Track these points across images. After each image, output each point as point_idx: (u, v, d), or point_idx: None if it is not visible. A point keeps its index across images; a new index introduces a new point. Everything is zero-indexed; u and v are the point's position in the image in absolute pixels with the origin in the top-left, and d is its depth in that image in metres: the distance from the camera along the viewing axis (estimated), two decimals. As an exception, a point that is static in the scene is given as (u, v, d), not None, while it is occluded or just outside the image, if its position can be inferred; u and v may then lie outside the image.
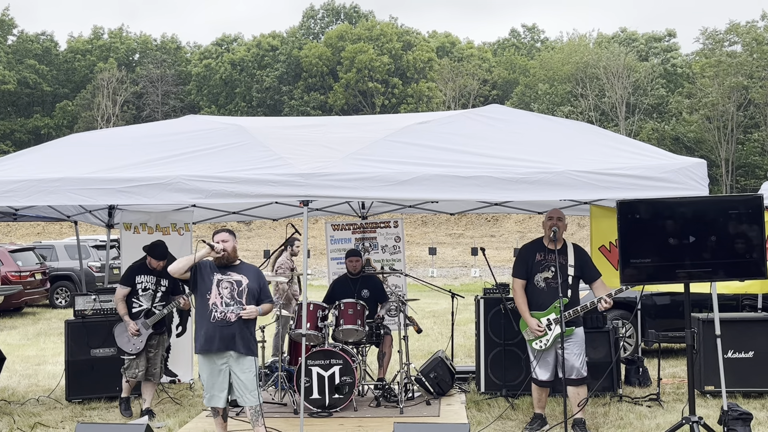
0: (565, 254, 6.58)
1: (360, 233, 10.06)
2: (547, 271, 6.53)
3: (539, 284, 6.55)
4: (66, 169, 6.40)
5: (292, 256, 10.31)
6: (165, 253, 7.51)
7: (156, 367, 7.50)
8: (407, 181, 5.95)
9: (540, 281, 6.56)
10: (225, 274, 5.95)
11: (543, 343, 6.54)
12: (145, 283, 7.48)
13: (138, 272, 7.52)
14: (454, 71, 58.35)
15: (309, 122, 8.82)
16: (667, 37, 59.54)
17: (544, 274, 6.55)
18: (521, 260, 6.71)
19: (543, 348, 6.54)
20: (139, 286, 7.47)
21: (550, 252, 6.56)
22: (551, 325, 6.49)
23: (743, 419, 6.00)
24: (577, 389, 6.55)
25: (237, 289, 5.92)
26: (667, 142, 47.65)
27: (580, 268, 6.61)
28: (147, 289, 7.47)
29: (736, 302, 9.69)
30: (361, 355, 8.13)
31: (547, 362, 6.63)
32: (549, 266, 6.53)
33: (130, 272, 7.56)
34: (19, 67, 61.97)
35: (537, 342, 6.56)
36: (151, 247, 7.53)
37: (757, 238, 5.35)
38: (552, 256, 6.51)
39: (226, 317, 5.82)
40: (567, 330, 6.38)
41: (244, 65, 63.84)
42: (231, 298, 5.88)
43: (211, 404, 5.94)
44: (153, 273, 7.52)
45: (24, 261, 18.25)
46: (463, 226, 44.14)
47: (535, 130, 7.13)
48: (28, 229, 44.79)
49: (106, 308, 8.30)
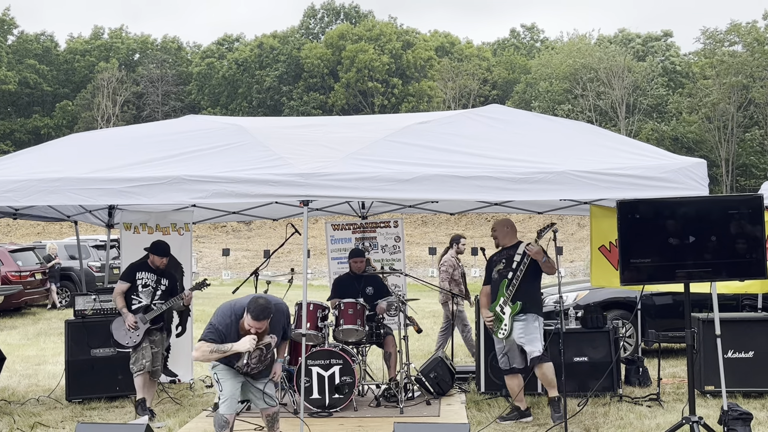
0: (516, 247, 7.10)
1: (360, 233, 10.06)
2: (499, 264, 7.12)
3: (494, 277, 7.13)
4: (66, 169, 6.40)
5: (458, 254, 10.15)
6: (167, 251, 7.53)
7: (157, 364, 7.50)
8: (407, 181, 5.95)
9: (495, 274, 7.13)
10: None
11: (504, 330, 6.94)
12: (146, 279, 7.48)
13: (139, 269, 7.53)
14: (454, 71, 58.34)
15: (309, 122, 8.82)
16: (664, 36, 59.51)
17: (497, 268, 7.13)
18: (486, 271, 7.36)
19: (506, 334, 6.93)
20: (140, 282, 7.46)
21: (503, 250, 7.21)
22: (503, 309, 6.94)
23: (743, 419, 6.00)
24: (541, 368, 6.85)
25: (266, 353, 5.65)
26: (667, 142, 47.64)
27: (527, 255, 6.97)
28: (147, 285, 7.47)
29: (736, 302, 9.68)
30: (361, 355, 8.13)
31: (514, 349, 7.03)
32: (500, 260, 7.13)
33: (130, 269, 7.58)
34: (19, 67, 61.96)
35: (500, 331, 6.96)
36: (155, 246, 7.55)
37: (758, 238, 5.35)
38: (504, 252, 7.16)
39: (251, 372, 5.65)
40: (513, 307, 6.86)
41: (245, 65, 63.84)
42: (259, 362, 5.60)
43: (230, 411, 5.62)
44: (155, 271, 7.52)
45: (24, 261, 18.24)
46: (463, 226, 44.10)
47: (535, 131, 7.13)
48: (28, 229, 44.76)
49: (106, 308, 8.30)
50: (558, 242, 7.09)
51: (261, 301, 5.44)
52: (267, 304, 5.45)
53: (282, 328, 5.83)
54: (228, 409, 5.61)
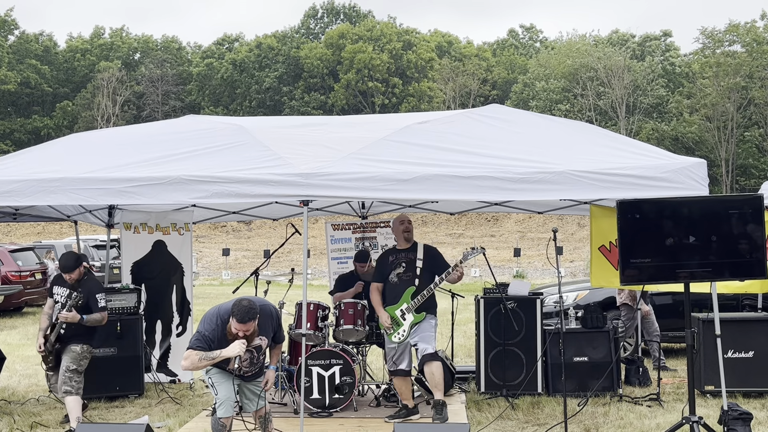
0: (415, 251, 7.15)
1: (360, 233, 10.06)
2: (398, 268, 7.11)
3: (393, 280, 7.11)
4: (66, 169, 6.39)
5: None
6: (74, 264, 6.83)
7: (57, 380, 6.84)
8: (407, 181, 5.94)
9: (393, 277, 7.11)
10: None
11: (401, 335, 6.97)
12: (57, 296, 6.95)
13: (55, 283, 7.05)
14: (454, 71, 58.33)
15: (309, 122, 8.81)
16: (663, 36, 59.49)
17: (396, 271, 7.11)
18: (378, 266, 7.37)
19: (402, 339, 6.97)
20: (55, 298, 6.97)
21: (400, 252, 7.22)
22: (405, 315, 6.98)
23: (743, 419, 6.00)
24: (430, 366, 6.90)
25: (257, 355, 5.64)
26: (667, 142, 47.63)
27: (430, 261, 7.10)
28: (57, 302, 6.92)
29: (736, 302, 9.69)
30: (362, 355, 8.13)
31: (405, 353, 7.06)
32: (400, 263, 7.12)
33: (51, 282, 7.15)
34: (19, 66, 61.93)
35: (396, 335, 6.97)
36: (61, 259, 6.97)
37: (758, 238, 5.35)
38: (402, 255, 7.17)
39: (244, 375, 5.66)
40: (417, 316, 6.93)
41: (243, 66, 63.82)
42: (251, 365, 5.62)
43: (227, 415, 5.58)
44: (66, 285, 6.91)
45: (24, 261, 18.24)
46: (463, 226, 44.14)
47: (535, 130, 7.13)
48: (28, 229, 44.77)
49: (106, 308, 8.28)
50: (558, 242, 7.09)
51: (244, 303, 5.37)
52: (250, 305, 5.36)
53: (272, 331, 5.74)
54: (225, 412, 5.58)
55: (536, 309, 8.21)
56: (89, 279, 7.01)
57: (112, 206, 9.19)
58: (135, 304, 8.58)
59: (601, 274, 7.82)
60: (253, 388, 5.79)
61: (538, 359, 8.11)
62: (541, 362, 8.16)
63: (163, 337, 9.23)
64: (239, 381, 5.69)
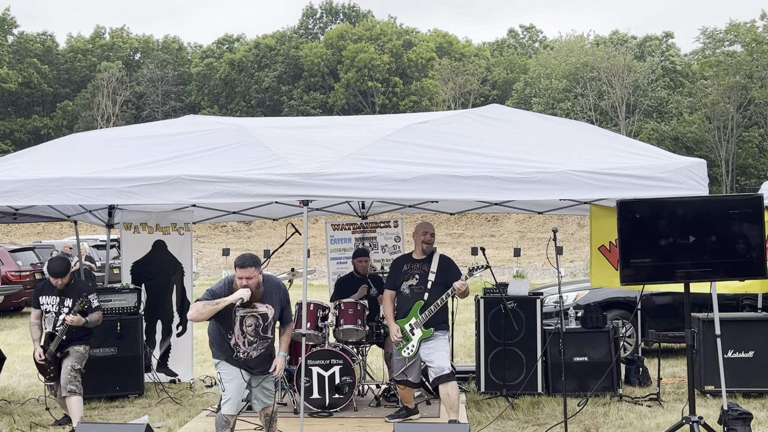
0: (429, 263, 6.79)
1: (360, 233, 10.06)
2: (411, 279, 6.79)
3: (405, 292, 6.80)
4: (66, 169, 6.39)
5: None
6: (64, 269, 6.73)
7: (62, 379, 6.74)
8: (407, 181, 5.94)
9: (405, 289, 6.80)
10: (249, 305, 5.60)
11: (410, 350, 6.68)
12: (47, 305, 6.82)
13: (41, 293, 6.89)
14: (454, 71, 58.32)
15: (309, 122, 8.82)
16: (665, 37, 59.50)
17: (409, 282, 6.80)
18: (392, 273, 7.03)
19: (410, 355, 6.70)
20: (43, 308, 6.85)
21: (415, 262, 6.86)
22: (413, 330, 6.67)
23: (743, 419, 6.00)
24: (446, 387, 6.58)
25: (262, 324, 5.64)
26: (667, 142, 47.64)
27: (441, 273, 6.72)
28: (49, 311, 6.81)
29: (736, 302, 9.69)
30: (362, 355, 8.13)
31: (415, 366, 6.82)
32: (414, 275, 6.79)
33: (35, 294, 6.95)
34: (20, 66, 61.93)
35: (405, 350, 6.70)
36: (48, 264, 6.88)
37: (758, 238, 5.35)
38: (417, 266, 6.81)
39: (249, 355, 5.64)
40: (425, 332, 6.61)
41: (242, 66, 63.81)
42: (255, 335, 5.62)
43: (232, 412, 5.60)
44: (55, 293, 6.81)
45: (24, 261, 18.23)
46: (463, 226, 44.12)
47: (535, 130, 7.12)
48: (28, 229, 44.77)
49: (105, 308, 8.29)
50: (558, 242, 7.09)
51: (245, 253, 5.65)
52: (251, 254, 5.61)
53: (279, 302, 5.73)
54: (230, 409, 5.60)
55: (536, 309, 8.22)
56: (77, 282, 7.04)
57: (112, 206, 9.19)
58: (135, 304, 8.58)
59: (601, 274, 7.82)
60: (262, 386, 5.78)
61: (538, 359, 8.11)
62: (541, 362, 8.16)
63: (163, 337, 9.24)
64: (248, 376, 5.67)
